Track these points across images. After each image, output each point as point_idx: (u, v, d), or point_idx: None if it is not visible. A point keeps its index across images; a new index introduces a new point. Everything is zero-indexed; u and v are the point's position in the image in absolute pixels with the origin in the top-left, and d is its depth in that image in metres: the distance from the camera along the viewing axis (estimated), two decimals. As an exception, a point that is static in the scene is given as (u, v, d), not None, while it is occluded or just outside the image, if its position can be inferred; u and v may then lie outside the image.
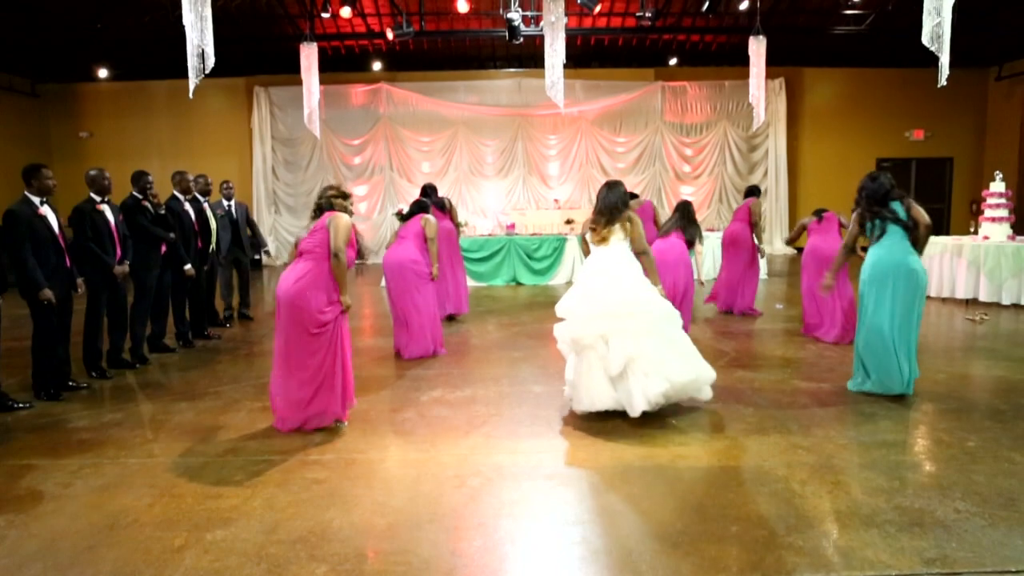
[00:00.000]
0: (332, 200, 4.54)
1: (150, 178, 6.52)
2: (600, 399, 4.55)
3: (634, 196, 7.78)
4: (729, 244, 8.61)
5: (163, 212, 6.66)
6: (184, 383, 5.84)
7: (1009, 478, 3.55)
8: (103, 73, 15.34)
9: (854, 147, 16.43)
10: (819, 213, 7.24)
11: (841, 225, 7.07)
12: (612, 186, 4.89)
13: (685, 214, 7.11)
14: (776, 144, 16.22)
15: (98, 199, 5.83)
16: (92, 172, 5.89)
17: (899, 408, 4.74)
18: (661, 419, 4.55)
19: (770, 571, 2.73)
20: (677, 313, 4.75)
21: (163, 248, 6.61)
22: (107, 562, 2.89)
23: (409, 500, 3.45)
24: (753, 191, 8.86)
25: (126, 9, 11.74)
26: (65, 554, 2.96)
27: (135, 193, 6.44)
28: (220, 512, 3.31)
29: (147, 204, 6.47)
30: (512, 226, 12.76)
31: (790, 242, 8.37)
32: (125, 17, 12.00)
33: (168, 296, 6.92)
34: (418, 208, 6.88)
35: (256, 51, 14.89)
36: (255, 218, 15.62)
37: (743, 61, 12.86)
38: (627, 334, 4.49)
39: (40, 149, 15.48)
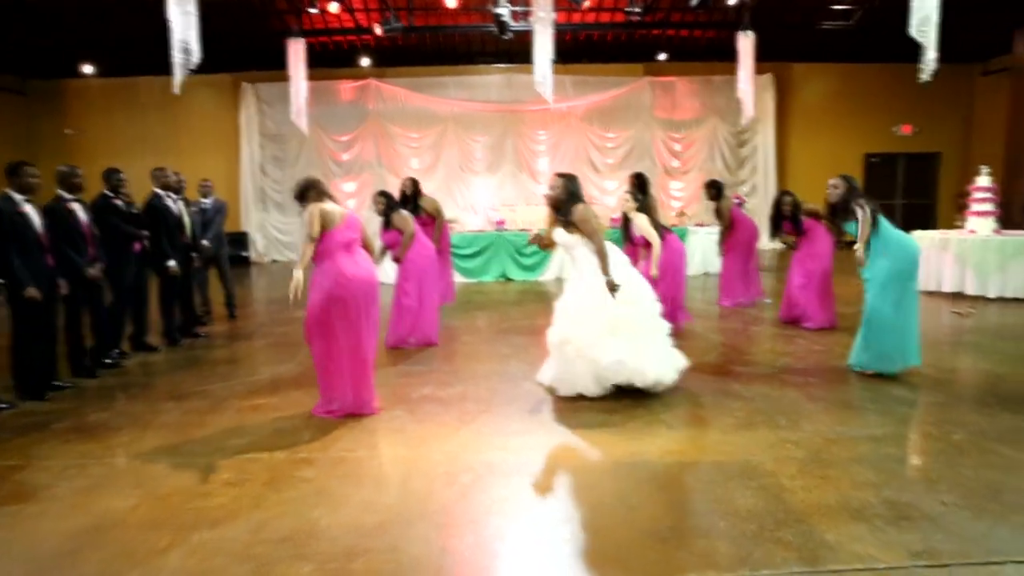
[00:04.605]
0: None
1: (122, 175, 6.42)
2: None
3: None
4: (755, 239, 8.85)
5: (135, 211, 6.58)
6: (170, 383, 5.79)
7: (995, 471, 3.56)
8: (90, 70, 15.20)
9: (842, 143, 16.51)
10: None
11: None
12: None
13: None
14: (765, 140, 16.27)
15: (68, 197, 5.69)
16: (63, 169, 5.74)
17: (887, 402, 4.76)
18: (650, 414, 4.55)
19: (759, 565, 2.73)
20: None
21: (137, 247, 6.52)
22: (91, 564, 2.86)
23: (398, 498, 3.43)
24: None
25: (113, 5, 11.63)
26: (49, 556, 2.93)
27: (106, 191, 6.35)
28: (206, 512, 3.28)
29: (119, 202, 6.38)
30: (502, 222, 12.74)
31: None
32: (112, 14, 11.88)
33: (145, 294, 6.85)
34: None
35: (244, 47, 14.78)
36: (243, 216, 15.65)
37: (732, 57, 12.88)
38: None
39: (27, 146, 15.32)
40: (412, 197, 8.20)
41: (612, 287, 4.68)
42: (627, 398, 4.84)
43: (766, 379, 5.40)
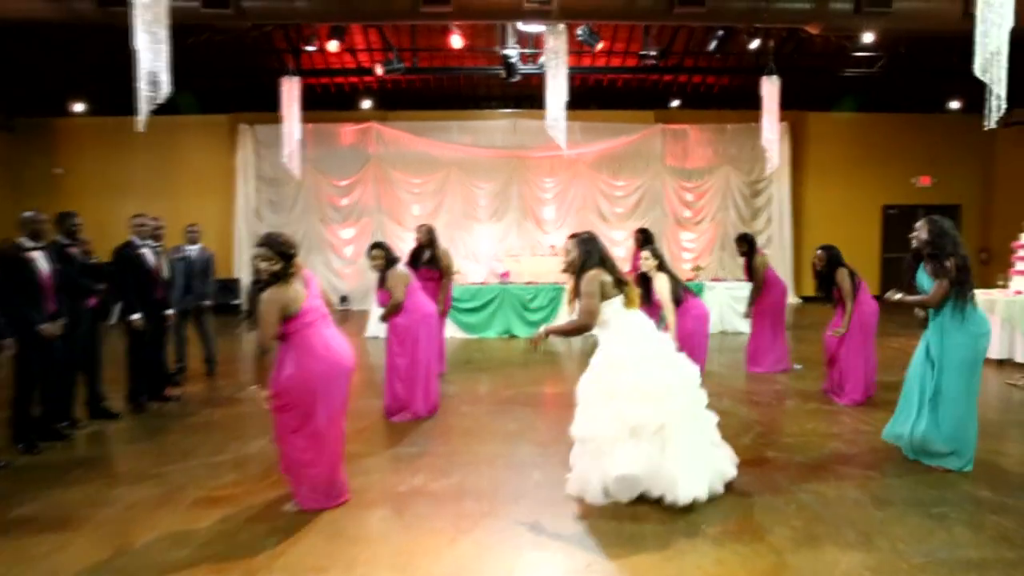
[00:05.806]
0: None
1: (77, 220, 5.84)
2: None
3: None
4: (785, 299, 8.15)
5: (93, 260, 5.97)
6: (124, 460, 5.03)
7: None
8: (81, 108, 14.70)
9: (860, 193, 15.92)
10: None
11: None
12: None
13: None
14: (780, 190, 15.64)
15: (29, 245, 5.13)
16: (27, 214, 5.24)
17: (971, 507, 3.96)
18: (688, 524, 3.75)
19: None
20: None
21: (92, 301, 5.88)
22: None
23: (374, 652, 2.64)
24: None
25: (104, 42, 11.14)
26: None
27: (59, 238, 5.71)
28: (120, 675, 2.49)
29: (75, 250, 5.76)
30: (506, 274, 12.02)
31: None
32: (103, 51, 11.39)
33: (98, 354, 6.16)
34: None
35: (242, 88, 14.35)
36: (235, 261, 14.99)
37: (745, 104, 12.37)
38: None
39: (13, 185, 14.76)
40: (430, 246, 7.52)
41: (542, 336, 4.21)
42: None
43: (817, 472, 4.59)
